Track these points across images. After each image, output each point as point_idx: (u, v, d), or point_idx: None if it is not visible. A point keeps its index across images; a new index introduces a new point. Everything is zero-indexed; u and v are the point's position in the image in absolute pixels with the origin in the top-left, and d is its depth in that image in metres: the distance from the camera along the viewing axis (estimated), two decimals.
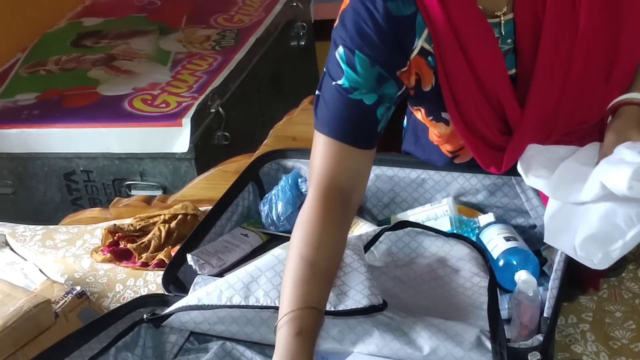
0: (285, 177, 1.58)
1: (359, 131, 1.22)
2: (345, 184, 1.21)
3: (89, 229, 1.73)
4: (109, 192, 2.45)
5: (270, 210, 1.55)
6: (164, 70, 2.69)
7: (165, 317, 1.23)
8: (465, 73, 1.24)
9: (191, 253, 1.41)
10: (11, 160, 2.49)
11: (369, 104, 1.21)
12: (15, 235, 1.74)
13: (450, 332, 1.13)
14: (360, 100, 1.20)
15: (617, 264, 1.35)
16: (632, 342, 1.24)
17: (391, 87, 1.23)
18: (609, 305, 1.31)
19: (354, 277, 1.19)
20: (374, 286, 1.18)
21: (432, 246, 1.37)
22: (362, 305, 1.14)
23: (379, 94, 1.21)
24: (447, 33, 1.21)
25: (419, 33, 1.23)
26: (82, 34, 3.06)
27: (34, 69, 2.82)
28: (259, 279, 1.20)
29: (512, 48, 1.27)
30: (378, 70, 1.20)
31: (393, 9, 1.20)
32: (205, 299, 1.20)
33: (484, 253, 1.33)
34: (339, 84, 1.21)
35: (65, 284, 1.50)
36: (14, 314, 1.31)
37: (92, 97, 2.56)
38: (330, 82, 1.22)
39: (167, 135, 2.36)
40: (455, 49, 1.22)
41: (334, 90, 1.21)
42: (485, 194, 1.46)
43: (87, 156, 2.43)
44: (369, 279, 1.19)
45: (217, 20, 3.03)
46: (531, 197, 1.42)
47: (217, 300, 1.19)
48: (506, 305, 1.26)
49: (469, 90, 1.26)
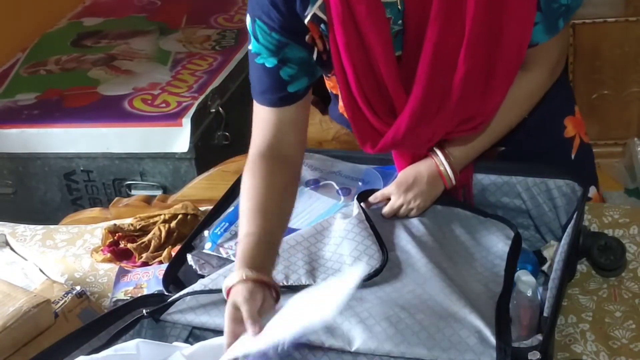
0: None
1: (267, 91, 1.32)
2: (273, 142, 1.33)
3: (89, 229, 1.73)
4: (109, 192, 2.46)
5: None
6: (164, 70, 2.69)
7: (167, 307, 1.24)
8: (357, 47, 1.27)
9: (191, 253, 1.41)
10: (11, 160, 2.49)
11: (270, 67, 1.31)
12: (16, 235, 1.74)
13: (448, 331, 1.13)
14: (263, 64, 1.31)
15: (617, 263, 1.36)
16: (632, 341, 1.24)
17: (295, 51, 1.30)
18: (609, 305, 1.31)
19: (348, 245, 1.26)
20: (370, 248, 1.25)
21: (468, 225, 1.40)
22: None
23: (279, 58, 1.30)
24: (341, 6, 1.24)
25: (314, 1, 1.27)
26: (82, 34, 3.07)
27: (34, 69, 2.83)
28: None
29: (401, 30, 1.29)
30: (276, 37, 1.28)
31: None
32: (211, 285, 1.23)
33: (520, 241, 1.34)
34: (250, 50, 1.32)
35: (65, 283, 1.50)
36: (14, 314, 1.31)
37: (92, 97, 2.57)
38: (248, 50, 1.33)
39: (167, 135, 2.36)
40: (347, 23, 1.26)
41: (250, 56, 1.33)
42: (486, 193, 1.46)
43: (87, 156, 2.43)
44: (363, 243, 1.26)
45: (217, 20, 3.03)
46: (531, 197, 1.42)
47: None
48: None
49: (358, 65, 1.29)
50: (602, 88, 2.77)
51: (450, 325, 1.13)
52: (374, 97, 1.32)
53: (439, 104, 1.31)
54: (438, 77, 1.28)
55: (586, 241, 1.36)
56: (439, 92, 1.29)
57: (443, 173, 1.39)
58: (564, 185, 1.41)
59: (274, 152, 1.32)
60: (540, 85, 1.39)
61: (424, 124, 1.33)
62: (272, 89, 1.32)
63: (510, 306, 1.22)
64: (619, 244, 1.37)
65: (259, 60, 1.31)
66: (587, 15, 2.66)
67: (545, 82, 1.39)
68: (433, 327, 1.13)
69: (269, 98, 1.33)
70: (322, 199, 1.51)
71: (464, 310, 1.16)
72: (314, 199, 1.52)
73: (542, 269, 1.35)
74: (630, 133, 2.82)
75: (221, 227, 1.45)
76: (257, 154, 1.32)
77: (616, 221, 1.47)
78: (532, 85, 1.38)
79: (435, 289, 1.21)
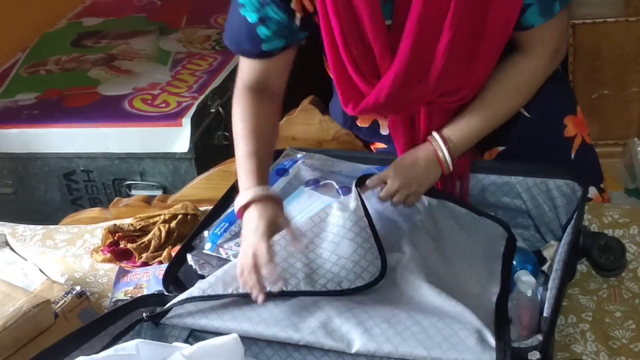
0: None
1: (245, 43, 1.40)
2: (255, 83, 1.43)
3: (89, 229, 1.73)
4: (109, 192, 2.45)
5: None
6: (164, 70, 2.69)
7: (165, 312, 1.24)
8: (345, 12, 1.28)
9: (191, 253, 1.41)
10: (11, 160, 2.49)
11: (251, 22, 1.36)
12: (16, 235, 1.74)
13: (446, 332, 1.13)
14: (245, 17, 1.36)
15: (617, 263, 1.36)
16: (632, 341, 1.24)
17: (277, 12, 1.34)
18: (609, 305, 1.31)
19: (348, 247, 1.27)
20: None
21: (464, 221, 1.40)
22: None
23: (260, 15, 1.35)
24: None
25: None
26: (82, 34, 3.07)
27: (34, 69, 2.82)
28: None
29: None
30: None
31: None
32: (209, 290, 1.22)
33: (514, 242, 1.34)
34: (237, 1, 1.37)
35: (65, 284, 1.50)
36: (14, 315, 1.31)
37: (92, 97, 2.57)
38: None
39: (167, 135, 2.36)
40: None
41: (234, 4, 1.38)
42: (486, 193, 1.46)
43: (87, 156, 2.43)
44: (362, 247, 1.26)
45: (217, 20, 3.03)
46: (531, 197, 1.42)
47: (222, 291, 1.21)
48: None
49: (346, 28, 1.30)
50: (602, 88, 2.76)
51: (450, 326, 1.13)
52: (360, 58, 1.33)
53: (423, 70, 1.31)
54: (423, 42, 1.28)
55: (586, 241, 1.36)
56: (424, 58, 1.30)
57: (441, 158, 1.38)
58: (564, 185, 1.41)
59: (260, 86, 1.43)
60: (539, 71, 1.39)
61: (407, 89, 1.33)
62: (249, 43, 1.39)
63: (511, 306, 1.22)
64: (619, 244, 1.37)
65: (243, 11, 1.35)
66: (587, 15, 2.66)
67: (545, 68, 1.39)
68: (432, 328, 1.13)
69: (247, 50, 1.41)
70: (322, 199, 1.51)
71: (462, 311, 1.16)
72: (315, 199, 1.51)
73: (542, 269, 1.35)
74: (630, 133, 2.82)
75: (221, 227, 1.45)
76: (243, 87, 1.43)
77: (616, 221, 1.47)
78: (532, 71, 1.38)
79: (433, 291, 1.21)
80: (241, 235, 1.32)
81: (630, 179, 2.80)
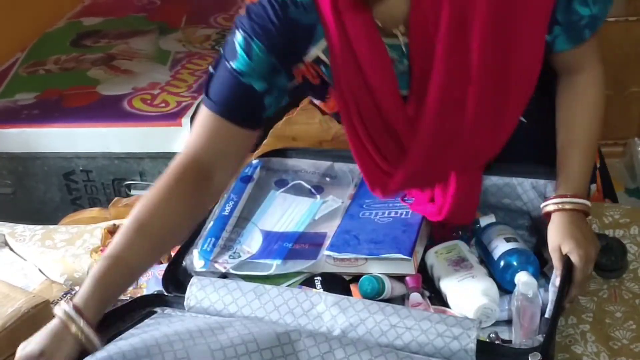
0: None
1: (243, 112, 1.27)
2: (210, 160, 1.26)
3: (88, 229, 1.72)
4: (108, 192, 2.45)
5: None
6: (164, 70, 2.69)
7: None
8: (360, 89, 1.27)
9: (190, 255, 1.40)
10: (11, 160, 2.49)
11: (258, 90, 1.26)
12: (15, 235, 1.74)
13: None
14: (250, 85, 1.26)
15: (620, 264, 1.35)
16: (633, 342, 1.24)
17: (283, 79, 1.29)
18: (609, 306, 1.31)
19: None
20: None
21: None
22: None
23: (269, 82, 1.27)
24: (343, 48, 1.24)
25: (316, 41, 1.27)
26: (81, 33, 3.06)
27: (33, 69, 2.82)
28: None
29: (407, 69, 1.29)
30: (273, 61, 1.25)
31: (294, 14, 1.25)
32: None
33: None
34: (232, 66, 1.26)
35: (65, 284, 1.50)
36: (12, 315, 1.31)
37: (91, 97, 2.57)
38: (225, 64, 1.27)
39: (167, 135, 2.36)
40: (350, 65, 1.26)
41: (228, 71, 1.26)
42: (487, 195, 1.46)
43: (86, 156, 2.43)
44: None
45: (217, 20, 3.03)
46: (532, 199, 1.42)
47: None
48: (506, 306, 1.26)
49: (363, 108, 1.28)
50: None
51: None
52: (380, 139, 1.31)
53: (450, 142, 1.30)
54: (447, 115, 1.27)
55: None
56: (449, 130, 1.28)
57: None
58: None
59: (203, 172, 1.26)
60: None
61: (436, 162, 1.32)
62: (249, 112, 1.28)
63: (511, 307, 1.22)
64: (620, 245, 1.37)
65: (246, 79, 1.26)
66: None
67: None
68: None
69: (243, 118, 1.27)
70: (297, 200, 1.49)
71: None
72: (290, 201, 1.49)
73: (543, 270, 1.35)
74: (630, 133, 2.82)
75: (208, 243, 1.41)
76: (183, 163, 1.25)
77: (617, 221, 1.47)
78: (591, 82, 1.35)
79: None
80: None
81: (631, 179, 2.81)
